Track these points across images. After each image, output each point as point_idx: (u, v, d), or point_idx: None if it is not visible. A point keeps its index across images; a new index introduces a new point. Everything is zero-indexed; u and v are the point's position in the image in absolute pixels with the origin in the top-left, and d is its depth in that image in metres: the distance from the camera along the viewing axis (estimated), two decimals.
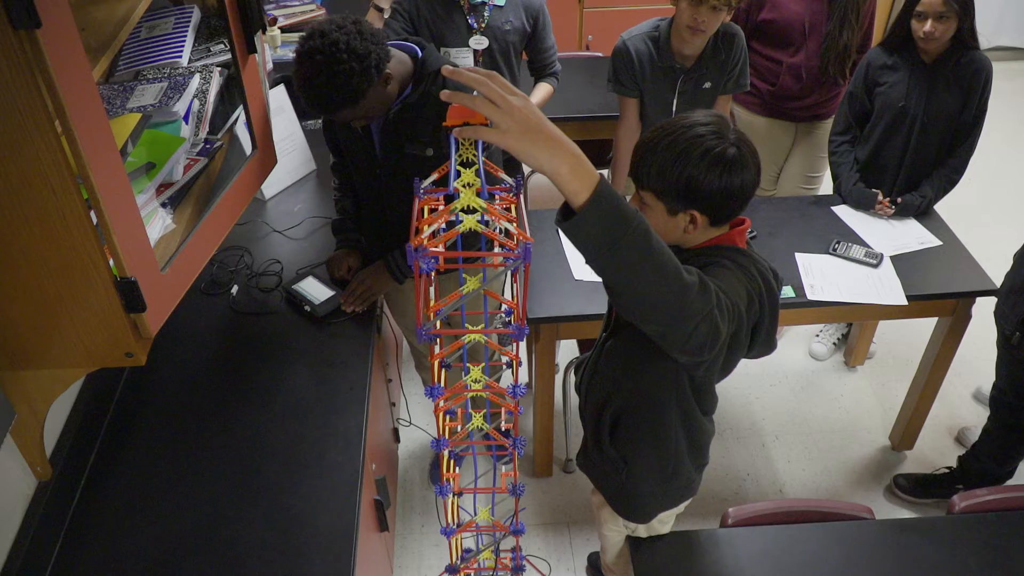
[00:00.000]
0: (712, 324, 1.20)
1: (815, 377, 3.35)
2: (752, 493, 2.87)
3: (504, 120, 1.02)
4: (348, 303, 2.20)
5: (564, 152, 1.05)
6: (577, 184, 1.05)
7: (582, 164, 1.06)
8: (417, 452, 3.03)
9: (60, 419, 1.84)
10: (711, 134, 1.38)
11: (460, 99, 1.04)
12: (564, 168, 1.05)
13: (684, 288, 1.14)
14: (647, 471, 1.74)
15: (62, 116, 1.15)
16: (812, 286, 2.47)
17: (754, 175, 1.41)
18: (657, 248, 1.10)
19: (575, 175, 1.05)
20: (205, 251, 1.66)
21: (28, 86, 1.11)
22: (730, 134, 1.39)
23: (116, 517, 1.72)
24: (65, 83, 1.13)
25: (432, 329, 1.21)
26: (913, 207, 2.73)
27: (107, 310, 1.36)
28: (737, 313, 1.28)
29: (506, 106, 1.02)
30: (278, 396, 1.98)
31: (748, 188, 1.41)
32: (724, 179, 1.37)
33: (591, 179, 1.06)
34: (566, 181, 1.05)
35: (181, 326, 2.12)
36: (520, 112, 1.02)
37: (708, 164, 1.36)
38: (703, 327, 1.19)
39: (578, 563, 2.66)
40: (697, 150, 1.37)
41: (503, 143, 1.04)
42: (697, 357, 1.28)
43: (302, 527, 1.70)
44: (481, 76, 1.03)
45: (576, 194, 1.06)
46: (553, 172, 1.05)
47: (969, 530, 1.87)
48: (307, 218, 2.57)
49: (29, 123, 1.14)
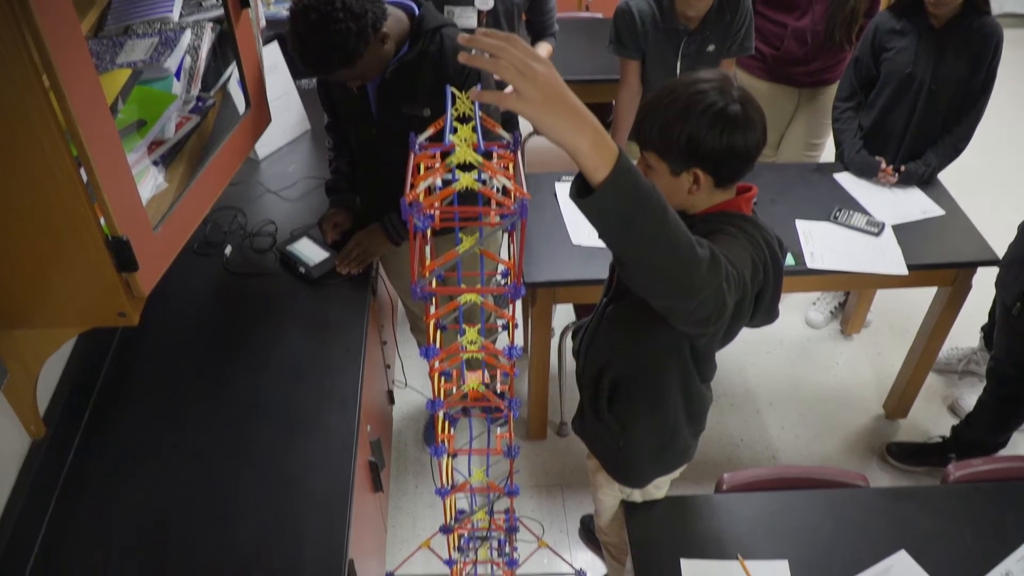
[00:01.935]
0: (720, 298, 1.19)
1: (811, 345, 3.35)
2: (745, 459, 2.88)
3: (528, 88, 0.98)
4: (343, 265, 2.18)
5: (586, 125, 1.01)
6: (597, 159, 1.01)
7: (603, 138, 1.02)
8: (412, 414, 3.03)
9: (53, 378, 1.82)
10: (714, 91, 1.35)
11: (482, 64, 0.99)
12: (585, 142, 1.01)
13: (696, 263, 1.12)
14: (644, 437, 1.73)
15: (50, 71, 1.12)
16: (812, 254, 2.46)
17: (759, 135, 1.38)
18: (673, 224, 1.08)
19: (596, 149, 1.01)
20: (198, 211, 1.64)
21: (15, 39, 1.07)
22: (734, 91, 1.36)
23: (110, 476, 1.72)
24: (53, 36, 1.10)
25: (427, 287, 1.19)
26: (916, 176, 2.70)
27: (99, 269, 1.35)
28: (742, 282, 1.26)
29: (530, 73, 0.97)
30: (272, 357, 1.97)
31: (752, 148, 1.38)
32: (726, 137, 1.34)
33: (612, 154, 1.02)
34: (586, 156, 1.01)
35: (174, 286, 2.09)
36: (544, 80, 0.98)
37: (710, 121, 1.34)
38: (711, 301, 1.18)
39: (571, 525, 2.68)
40: (699, 106, 1.34)
41: (525, 112, 0.99)
42: (702, 329, 1.27)
43: (297, 488, 1.70)
44: (502, 41, 0.98)
45: (596, 169, 1.02)
46: (573, 145, 1.01)
47: (964, 500, 1.88)
48: (302, 178, 2.54)
49: (16, 78, 1.11)
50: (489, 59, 0.98)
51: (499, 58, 0.97)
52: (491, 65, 0.98)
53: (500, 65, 0.97)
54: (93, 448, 1.77)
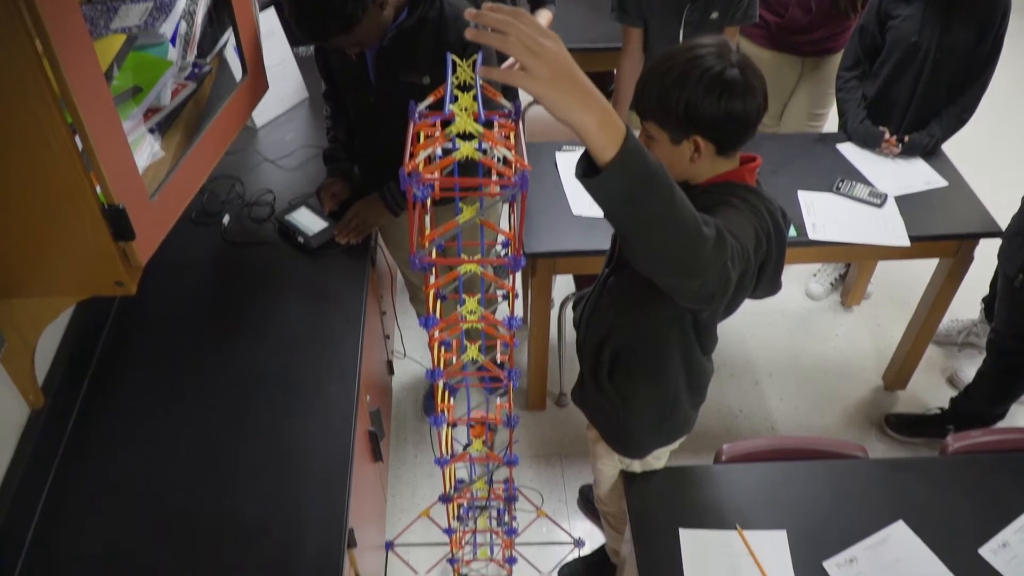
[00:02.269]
0: (724, 275, 1.18)
1: (811, 316, 3.34)
2: (744, 430, 2.89)
3: (537, 65, 0.96)
4: (342, 235, 2.17)
5: (594, 103, 0.99)
6: (605, 139, 1.00)
7: (611, 117, 1.00)
8: (411, 384, 3.04)
9: (51, 348, 1.82)
10: (711, 55, 1.32)
11: (490, 40, 0.96)
12: (593, 121, 0.99)
13: (702, 243, 1.10)
14: (645, 409, 1.73)
15: (43, 36, 1.10)
16: (814, 225, 2.44)
17: (760, 101, 1.36)
18: (680, 203, 1.06)
19: (604, 128, 0.99)
20: (195, 179, 1.62)
21: (7, 4, 1.05)
22: (732, 56, 1.33)
23: (109, 446, 1.72)
24: (46, 1, 1.08)
25: (426, 257, 1.18)
26: (920, 146, 2.68)
27: (95, 238, 1.33)
28: (745, 256, 1.25)
29: (539, 50, 0.95)
30: (271, 327, 1.97)
31: (752, 113, 1.36)
32: (724, 102, 1.32)
33: (619, 133, 1.00)
34: (594, 135, 0.99)
35: (172, 255, 2.08)
36: (553, 57, 0.96)
37: (707, 86, 1.31)
38: (715, 279, 1.17)
39: (570, 495, 2.70)
40: (696, 72, 1.32)
41: (532, 90, 0.97)
42: (706, 306, 1.26)
43: (297, 457, 1.70)
44: (509, 16, 0.95)
45: (603, 149, 1.00)
46: (581, 124, 0.99)
47: (962, 471, 1.88)
48: (300, 147, 2.52)
49: (9, 44, 1.09)
50: (497, 35, 0.96)
51: (507, 34, 0.95)
52: (498, 41, 0.96)
53: (508, 42, 0.95)
54: (92, 418, 1.77)
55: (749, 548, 1.71)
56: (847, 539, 1.74)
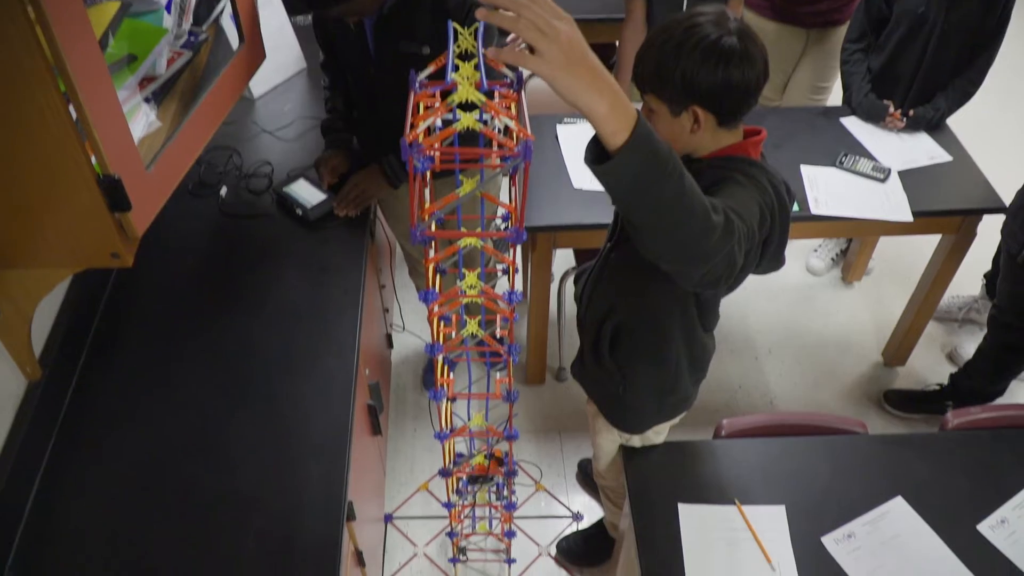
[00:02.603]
0: (730, 260, 1.16)
1: (811, 292, 3.33)
2: (743, 405, 2.89)
3: (549, 48, 0.93)
4: (341, 207, 2.15)
5: (605, 87, 0.97)
6: (615, 124, 0.98)
7: (621, 101, 0.98)
8: (410, 358, 3.03)
9: (48, 320, 1.81)
10: (708, 24, 1.30)
11: (501, 21, 0.94)
12: (603, 105, 0.97)
13: (711, 230, 1.09)
14: (645, 385, 1.73)
15: (35, 2, 1.08)
16: (816, 200, 2.42)
17: (760, 70, 1.33)
18: (689, 190, 1.05)
19: (614, 113, 0.98)
20: (192, 149, 1.60)
21: None
22: (730, 24, 1.31)
23: (108, 418, 1.71)
24: None
25: (426, 230, 1.16)
26: (925, 120, 2.65)
27: (91, 209, 1.32)
28: (751, 234, 1.24)
29: (552, 33, 0.93)
30: (269, 300, 1.96)
31: (751, 83, 1.33)
32: (721, 71, 1.30)
33: (629, 118, 0.98)
34: (604, 120, 0.98)
35: (169, 227, 2.07)
36: (567, 39, 0.94)
37: (703, 54, 1.29)
38: (721, 265, 1.15)
39: (568, 469, 2.70)
40: (692, 41, 1.30)
41: (544, 73, 0.95)
42: (710, 289, 1.24)
43: (295, 431, 1.69)
44: None
45: (613, 134, 0.99)
46: (591, 109, 0.97)
47: (961, 447, 1.88)
48: (298, 118, 2.49)
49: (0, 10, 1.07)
50: (508, 16, 0.93)
51: (520, 16, 0.92)
52: (510, 23, 0.93)
53: (521, 24, 0.93)
54: (90, 390, 1.76)
55: (748, 523, 1.71)
56: (846, 515, 1.74)
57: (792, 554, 1.67)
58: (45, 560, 1.49)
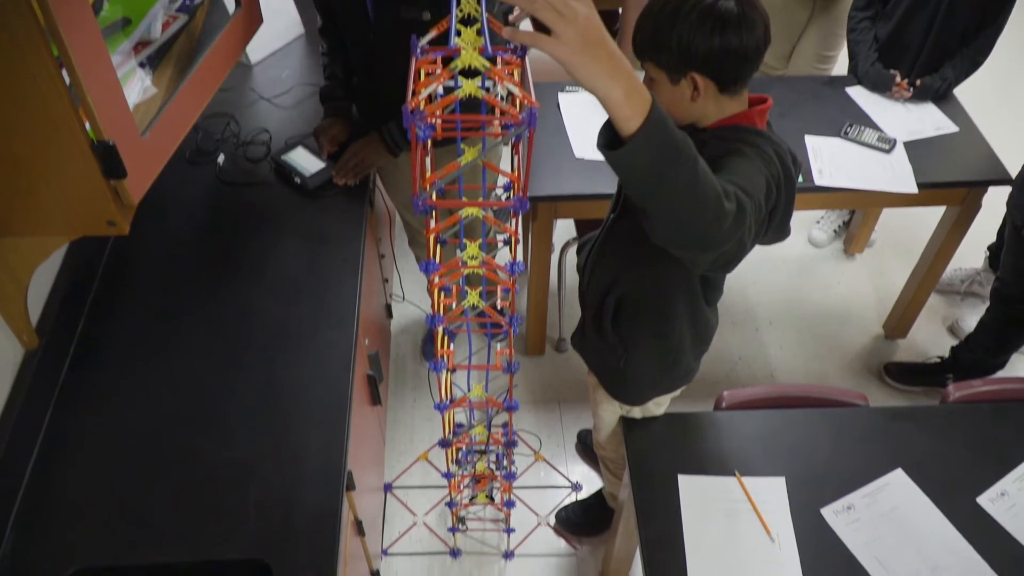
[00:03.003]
0: (740, 244, 1.15)
1: (813, 264, 3.32)
2: (743, 377, 2.89)
3: (567, 30, 0.91)
4: (340, 176, 2.12)
5: (621, 72, 0.95)
6: (629, 109, 0.96)
7: (637, 86, 0.96)
8: (410, 328, 3.02)
9: (45, 289, 1.79)
10: None
11: (518, 1, 0.92)
12: (618, 90, 0.95)
13: (723, 218, 1.07)
14: (647, 359, 1.72)
15: None
16: (820, 171, 2.40)
17: (759, 34, 1.30)
18: (703, 177, 1.03)
19: (629, 99, 0.96)
20: (188, 116, 1.57)
21: None
22: None
23: (106, 387, 1.70)
24: None
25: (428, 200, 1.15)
26: (932, 90, 2.62)
27: (86, 176, 1.30)
28: (757, 208, 1.22)
29: (570, 14, 0.91)
30: (268, 269, 1.94)
31: (750, 48, 1.30)
32: (717, 36, 1.27)
33: (644, 104, 0.97)
34: (618, 105, 0.96)
35: (166, 195, 2.05)
36: (584, 22, 0.92)
37: (699, 19, 1.26)
38: (731, 250, 1.14)
39: (567, 440, 2.70)
40: (688, 5, 1.27)
41: (560, 56, 0.93)
42: (720, 272, 1.23)
43: (295, 401, 1.69)
44: None
45: (628, 120, 0.97)
46: (606, 94, 0.96)
47: (962, 419, 1.88)
48: (296, 85, 2.45)
49: None
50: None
51: None
52: (526, 3, 0.91)
53: (538, 4, 0.90)
54: (88, 359, 1.75)
55: (748, 495, 1.71)
56: (845, 487, 1.74)
57: (791, 525, 1.67)
58: (44, 529, 1.49)
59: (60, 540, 1.47)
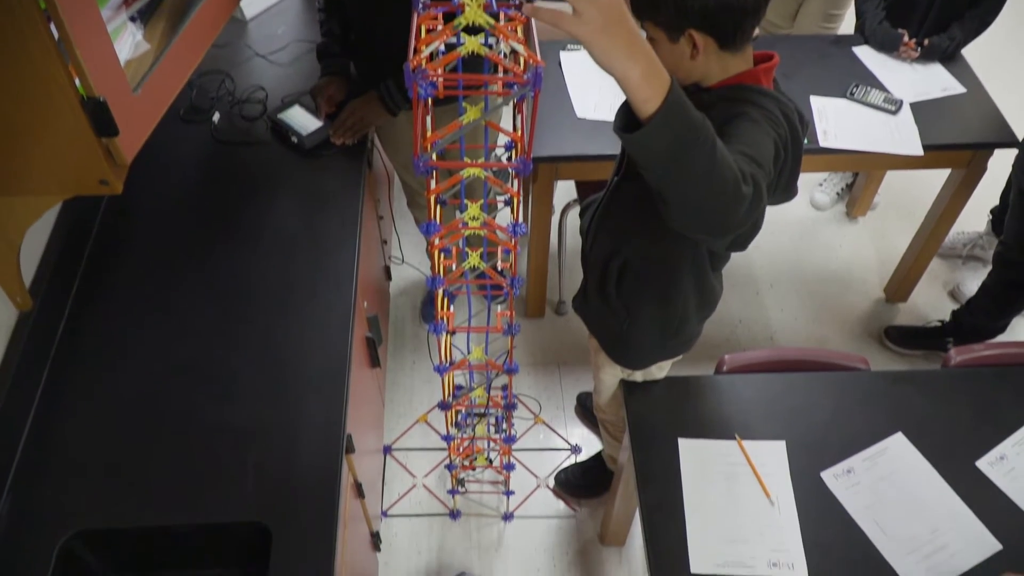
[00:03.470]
0: (755, 226, 1.13)
1: (814, 227, 3.29)
2: (744, 340, 2.88)
3: (589, 9, 0.90)
4: (337, 135, 2.08)
5: (639, 53, 0.94)
6: (648, 91, 0.95)
7: (655, 67, 0.95)
8: (409, 290, 3.00)
9: (38, 249, 1.77)
10: None
11: None
12: (637, 72, 0.94)
13: (740, 201, 1.05)
14: (651, 325, 1.70)
15: None
16: (825, 132, 2.36)
17: None
18: (722, 161, 1.01)
19: (647, 80, 0.94)
20: (181, 72, 1.53)
21: None
22: None
23: (102, 349, 1.69)
24: None
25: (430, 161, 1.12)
26: (940, 50, 2.57)
27: (76, 134, 1.27)
28: (767, 175, 1.19)
29: None
30: (265, 229, 1.91)
31: (748, 2, 1.26)
32: None
33: (663, 85, 0.95)
34: (637, 86, 0.95)
35: (160, 154, 2.02)
36: (607, 2, 0.90)
37: None
38: (747, 231, 1.12)
39: (567, 402, 2.70)
40: None
41: (581, 35, 0.92)
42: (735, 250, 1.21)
43: (293, 363, 1.67)
44: None
45: (646, 101, 0.95)
46: (624, 75, 0.94)
47: (963, 383, 1.87)
48: (292, 41, 2.40)
49: None
50: None
51: None
52: None
53: None
54: (83, 321, 1.73)
55: (748, 458, 1.71)
56: (846, 450, 1.74)
57: (791, 489, 1.67)
58: (42, 492, 1.48)
59: (58, 503, 1.47)
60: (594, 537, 2.39)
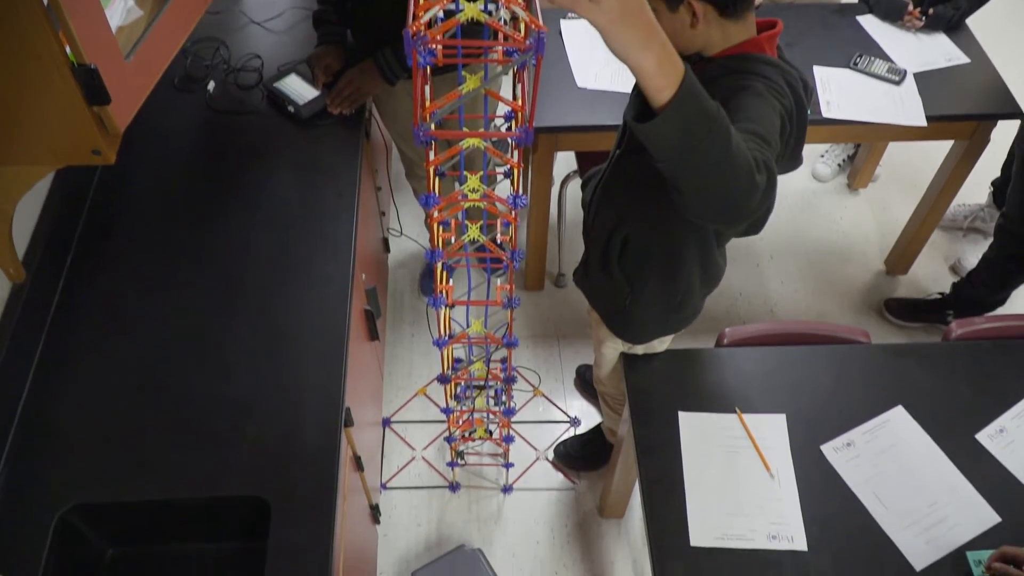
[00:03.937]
0: (768, 211, 1.12)
1: (815, 199, 3.27)
2: (744, 313, 2.87)
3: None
4: (335, 104, 2.05)
5: (655, 42, 0.92)
6: (662, 80, 0.94)
7: (670, 56, 0.94)
8: (407, 263, 2.99)
9: (31, 220, 1.74)
10: None
11: None
12: (652, 61, 0.93)
13: (754, 190, 1.03)
14: (654, 300, 1.68)
15: None
16: (828, 103, 2.33)
17: None
18: (735, 150, 0.99)
19: (662, 69, 0.93)
20: (174, 39, 1.50)
21: None
22: None
23: (97, 321, 1.67)
24: None
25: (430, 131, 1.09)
26: (945, 19, 2.53)
27: (68, 102, 1.24)
28: (775, 151, 1.18)
29: None
30: (262, 200, 1.89)
31: None
32: None
33: (677, 74, 0.94)
34: (651, 76, 0.94)
35: (154, 123, 1.99)
36: None
37: None
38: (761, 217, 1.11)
39: (566, 375, 2.70)
40: None
41: (598, 23, 0.90)
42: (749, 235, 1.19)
43: (291, 336, 1.66)
44: None
45: (660, 90, 0.94)
46: (639, 64, 0.93)
47: (964, 356, 1.86)
48: (288, 8, 2.36)
49: None
50: None
51: None
52: None
53: None
54: (78, 293, 1.71)
55: (748, 431, 1.71)
56: (846, 423, 1.73)
57: (791, 462, 1.67)
58: (38, 466, 1.47)
59: (55, 476, 1.46)
60: (593, 509, 2.40)
